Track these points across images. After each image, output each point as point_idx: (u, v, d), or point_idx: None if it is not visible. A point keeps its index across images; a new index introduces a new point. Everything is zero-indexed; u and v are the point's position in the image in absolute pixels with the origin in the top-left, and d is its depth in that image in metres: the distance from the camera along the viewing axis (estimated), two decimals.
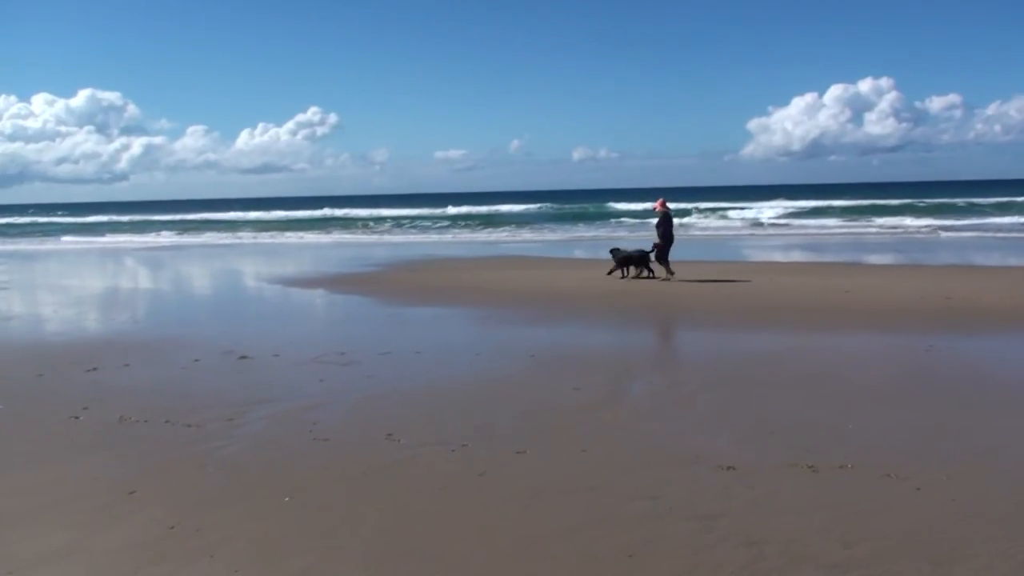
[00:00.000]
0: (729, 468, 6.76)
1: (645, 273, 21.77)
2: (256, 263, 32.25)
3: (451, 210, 77.88)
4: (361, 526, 5.75)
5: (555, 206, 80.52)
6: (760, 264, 27.26)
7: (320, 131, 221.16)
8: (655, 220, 22.37)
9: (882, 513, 5.83)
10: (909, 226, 46.37)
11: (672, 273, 21.39)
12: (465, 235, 51.82)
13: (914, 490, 6.24)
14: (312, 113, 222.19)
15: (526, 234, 50.46)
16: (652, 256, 21.86)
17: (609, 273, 22.05)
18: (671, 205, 22.97)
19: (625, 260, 22.14)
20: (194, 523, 5.82)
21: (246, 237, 55.22)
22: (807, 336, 12.97)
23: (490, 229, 56.42)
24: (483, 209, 78.45)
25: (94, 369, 11.11)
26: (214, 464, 7.13)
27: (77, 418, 8.69)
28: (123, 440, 7.90)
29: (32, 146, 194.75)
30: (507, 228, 56.42)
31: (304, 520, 5.86)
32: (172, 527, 5.76)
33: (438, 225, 62.06)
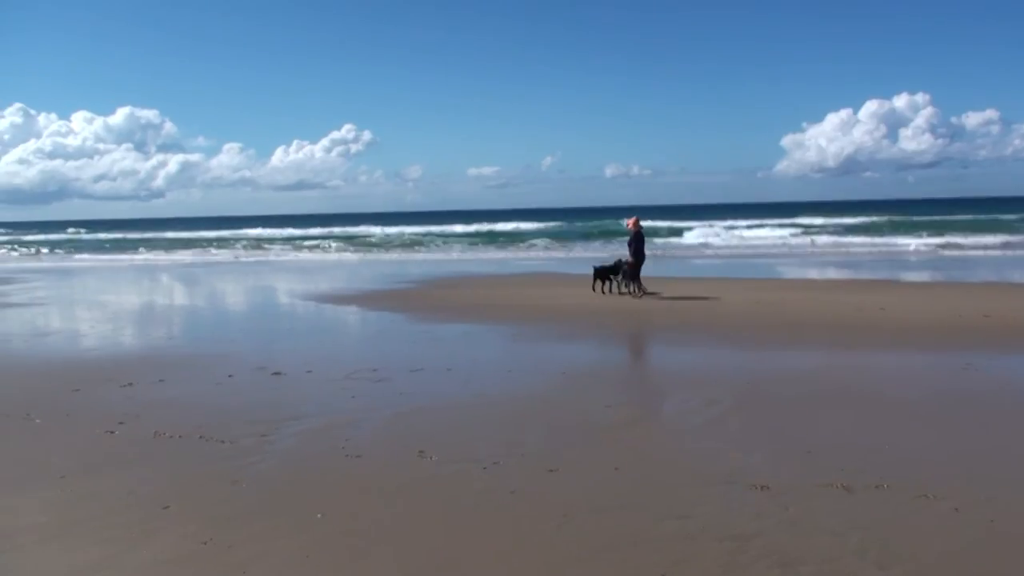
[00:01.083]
0: (763, 487, 6.70)
1: (621, 286, 21.81)
2: (289, 280, 32.45)
3: (485, 227, 78.10)
4: (393, 543, 5.75)
5: (585, 223, 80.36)
6: (793, 281, 27.08)
7: (354, 148, 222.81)
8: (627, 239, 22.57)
9: (918, 534, 5.75)
10: (944, 243, 45.83)
11: (643, 291, 21.43)
12: (496, 252, 51.88)
13: (952, 511, 6.16)
14: (346, 130, 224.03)
15: (555, 251, 50.44)
16: (621, 275, 22.03)
17: (593, 288, 22.16)
18: (697, 222, 23.00)
19: (600, 273, 22.30)
20: (227, 539, 5.84)
21: (279, 254, 55.60)
22: (841, 354, 12.85)
23: (520, 246, 56.52)
24: (515, 226, 78.57)
25: (129, 384, 11.21)
26: (247, 480, 7.16)
27: (112, 433, 8.78)
28: (157, 455, 7.96)
29: (71, 163, 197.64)
30: (537, 245, 56.49)
31: (336, 537, 5.87)
32: (205, 542, 5.79)
33: (470, 242, 62.17)
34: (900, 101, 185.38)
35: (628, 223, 22.89)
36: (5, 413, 9.71)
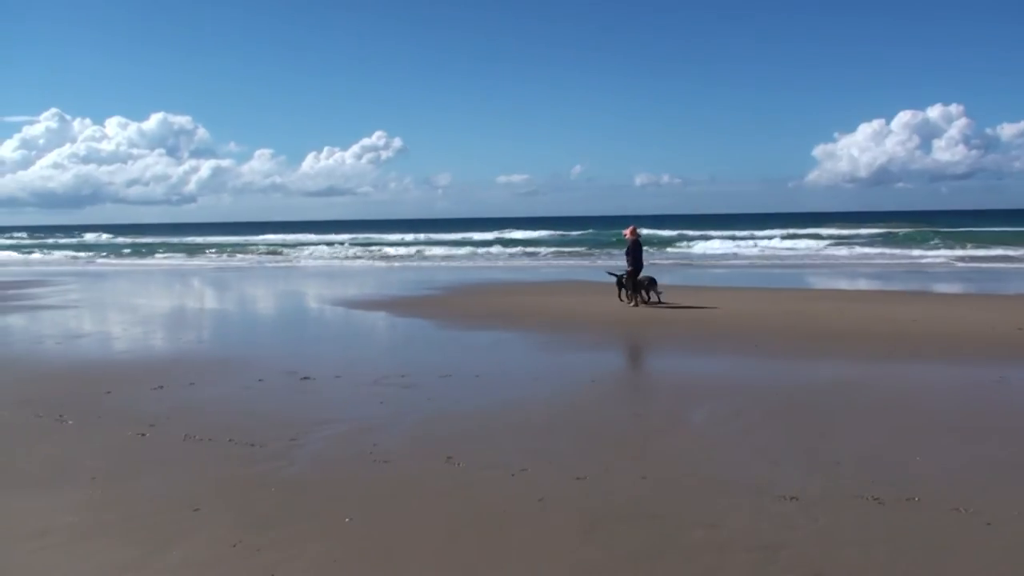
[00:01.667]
0: (792, 498, 6.65)
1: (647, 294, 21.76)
2: (317, 285, 32.61)
3: (514, 234, 78.22)
4: (420, 549, 5.76)
5: (615, 231, 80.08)
6: (824, 291, 26.89)
7: (385, 155, 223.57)
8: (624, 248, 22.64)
9: (950, 548, 5.69)
10: (978, 255, 45.35)
11: (641, 301, 21.36)
12: (524, 260, 51.90)
13: (984, 525, 6.08)
14: (377, 137, 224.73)
15: (582, 259, 50.36)
16: (623, 281, 21.97)
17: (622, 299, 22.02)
18: (721, 231, 22.95)
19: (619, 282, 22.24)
20: (256, 542, 5.87)
21: (306, 259, 55.89)
22: (873, 364, 12.73)
23: (548, 253, 56.52)
24: (542, 233, 78.67)
25: (160, 387, 11.31)
26: (276, 483, 7.20)
27: (143, 435, 8.85)
28: (187, 458, 8.01)
29: (105, 168, 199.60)
30: (564, 252, 56.45)
31: (364, 541, 5.89)
32: (234, 545, 5.82)
33: (498, 249, 62.17)
34: (934, 112, 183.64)
35: (625, 233, 22.93)
36: (37, 414, 9.82)
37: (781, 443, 8.38)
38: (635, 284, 21.64)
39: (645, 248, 23.79)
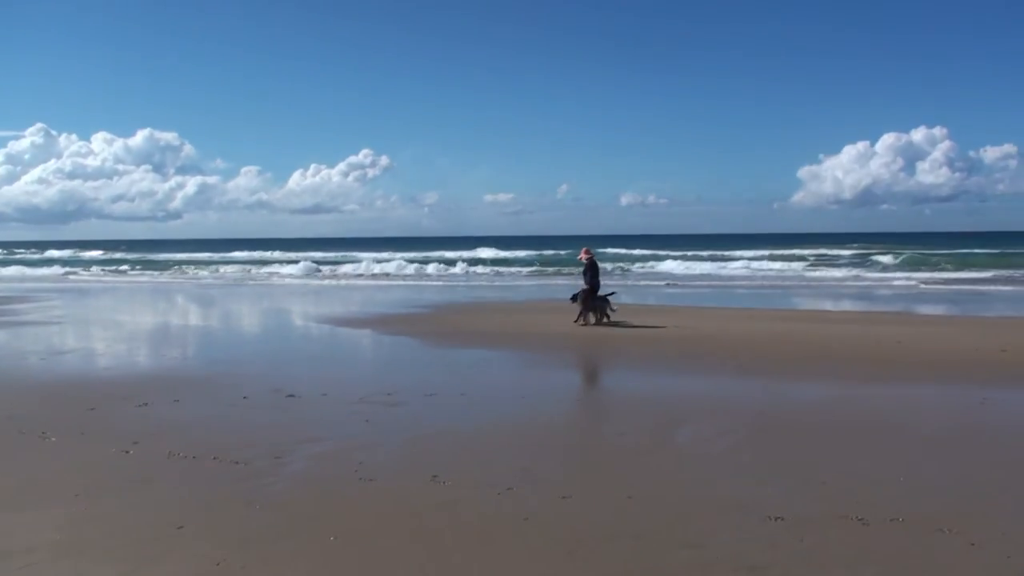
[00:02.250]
0: (777, 519, 6.67)
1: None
2: (304, 303, 32.54)
3: (501, 253, 78.32)
4: (405, 567, 5.74)
5: (600, 252, 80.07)
6: (805, 312, 26.99)
7: (371, 173, 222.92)
8: (581, 269, 22.65)
9: (934, 569, 5.71)
10: (961, 277, 45.65)
11: (594, 321, 21.42)
12: (509, 279, 51.94)
13: (968, 546, 6.11)
14: (364, 155, 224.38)
15: (567, 279, 50.41)
16: (579, 300, 21.93)
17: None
18: (711, 252, 23.07)
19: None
20: (240, 560, 5.85)
21: (294, 276, 55.74)
22: (858, 386, 12.79)
23: (533, 272, 56.63)
24: (528, 253, 78.76)
25: (144, 404, 11.25)
26: (261, 502, 7.17)
27: (127, 452, 8.80)
28: (172, 475, 7.97)
29: (90, 183, 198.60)
30: (549, 272, 56.51)
31: (349, 560, 5.87)
32: (218, 563, 5.79)
33: (483, 267, 62.22)
34: (918, 135, 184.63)
35: (581, 255, 23.08)
36: (20, 430, 9.76)
37: (766, 463, 8.40)
38: (590, 303, 21.75)
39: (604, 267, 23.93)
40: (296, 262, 65.88)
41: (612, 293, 22.71)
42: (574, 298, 22.37)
